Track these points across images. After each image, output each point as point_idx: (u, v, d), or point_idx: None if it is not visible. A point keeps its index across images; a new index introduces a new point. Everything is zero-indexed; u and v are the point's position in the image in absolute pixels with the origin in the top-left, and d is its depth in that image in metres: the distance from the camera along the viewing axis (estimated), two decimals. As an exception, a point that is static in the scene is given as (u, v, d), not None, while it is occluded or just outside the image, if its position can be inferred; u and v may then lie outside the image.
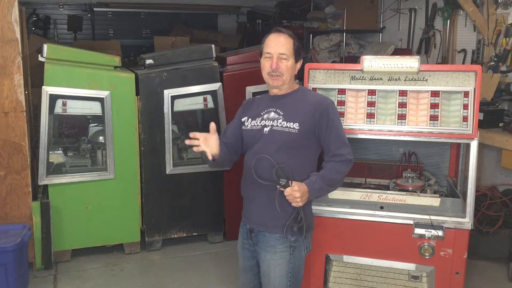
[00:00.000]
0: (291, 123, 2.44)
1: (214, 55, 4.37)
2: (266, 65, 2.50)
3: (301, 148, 2.46)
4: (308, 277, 3.00)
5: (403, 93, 2.99)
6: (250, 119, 2.56)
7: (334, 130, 2.47)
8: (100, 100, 3.96)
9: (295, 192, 2.31)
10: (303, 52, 2.59)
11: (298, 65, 2.55)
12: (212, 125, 2.43)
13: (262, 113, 2.53)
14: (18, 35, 3.63)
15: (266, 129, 2.47)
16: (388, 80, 3.02)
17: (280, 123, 2.45)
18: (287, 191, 2.32)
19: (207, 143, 2.39)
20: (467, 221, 2.84)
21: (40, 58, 3.79)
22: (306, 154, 2.49)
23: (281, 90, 2.54)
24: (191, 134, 2.39)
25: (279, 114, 2.49)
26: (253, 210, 2.53)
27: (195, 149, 2.40)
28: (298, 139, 2.43)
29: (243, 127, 2.57)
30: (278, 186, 2.34)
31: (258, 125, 2.51)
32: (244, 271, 2.66)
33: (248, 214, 2.58)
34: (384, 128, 2.98)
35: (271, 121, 2.48)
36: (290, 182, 2.32)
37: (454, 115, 2.91)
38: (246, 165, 2.57)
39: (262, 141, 2.46)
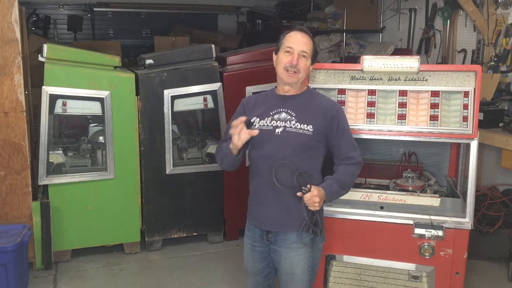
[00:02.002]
0: (305, 125, 2.43)
1: (214, 55, 4.37)
2: (284, 60, 2.45)
3: (313, 150, 2.46)
4: (308, 277, 3.00)
5: (403, 93, 2.99)
6: (258, 119, 2.51)
7: (344, 134, 2.51)
8: (100, 100, 3.95)
9: (315, 197, 2.33)
10: (317, 56, 2.60)
11: (311, 68, 2.56)
12: (242, 119, 2.40)
13: (271, 113, 2.50)
14: (18, 35, 3.63)
15: (278, 130, 2.44)
16: (388, 80, 3.02)
17: (294, 125, 2.44)
18: (307, 197, 2.33)
19: (240, 135, 2.36)
20: (467, 221, 2.84)
21: (40, 58, 3.79)
22: (316, 155, 2.49)
23: (292, 89, 2.52)
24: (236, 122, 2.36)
25: (291, 115, 2.47)
26: (268, 213, 2.49)
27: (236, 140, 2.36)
28: (311, 141, 2.44)
29: (252, 127, 2.50)
30: (299, 194, 2.35)
31: (268, 125, 2.46)
32: (254, 275, 2.64)
33: (261, 218, 2.53)
34: (384, 128, 2.98)
35: (283, 122, 2.45)
36: (309, 187, 2.34)
37: (454, 115, 2.91)
38: (255, 168, 2.53)
39: (274, 142, 2.43)
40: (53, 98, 3.82)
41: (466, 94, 2.89)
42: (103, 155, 4.11)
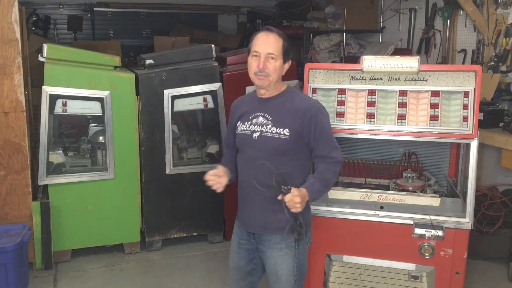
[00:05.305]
0: (281, 129, 2.39)
1: (214, 55, 4.37)
2: (253, 64, 2.41)
3: (292, 153, 2.43)
4: (308, 277, 2.99)
5: (403, 93, 2.98)
6: (240, 123, 2.53)
7: (323, 135, 2.43)
8: (100, 100, 3.96)
9: (295, 198, 2.25)
10: (292, 53, 2.51)
11: (286, 66, 2.47)
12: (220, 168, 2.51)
13: (250, 117, 2.49)
14: (18, 35, 3.63)
15: (255, 135, 2.43)
16: (388, 80, 3.02)
17: (270, 129, 2.41)
18: (287, 197, 2.25)
19: (219, 180, 2.49)
20: (467, 221, 2.84)
21: (40, 58, 3.79)
22: (297, 159, 2.46)
23: (268, 91, 2.48)
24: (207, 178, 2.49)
25: (267, 119, 2.43)
26: (252, 215, 2.51)
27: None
28: (288, 144, 2.40)
29: (236, 131, 2.54)
30: (279, 197, 2.27)
31: (247, 130, 2.47)
32: (236, 270, 2.65)
33: (246, 220, 2.56)
34: (384, 128, 2.98)
35: (260, 127, 2.43)
36: (289, 187, 2.27)
37: (454, 115, 2.91)
38: (239, 171, 2.56)
39: (253, 147, 2.44)
40: (53, 98, 3.82)
41: (466, 94, 2.89)
42: (103, 155, 4.11)
